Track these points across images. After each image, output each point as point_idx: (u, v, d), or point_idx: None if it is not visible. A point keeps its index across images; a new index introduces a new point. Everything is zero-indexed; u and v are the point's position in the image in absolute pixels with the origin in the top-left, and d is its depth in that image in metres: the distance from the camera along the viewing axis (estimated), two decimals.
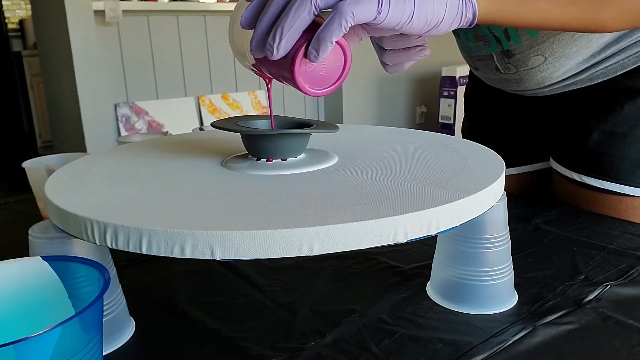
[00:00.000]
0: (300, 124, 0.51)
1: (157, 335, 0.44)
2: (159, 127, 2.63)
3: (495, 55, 0.73)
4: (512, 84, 0.77)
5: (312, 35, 0.39)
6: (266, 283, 0.52)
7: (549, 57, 0.69)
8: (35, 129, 4.14)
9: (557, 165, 0.77)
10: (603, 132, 0.70)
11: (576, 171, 0.73)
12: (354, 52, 0.44)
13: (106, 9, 2.35)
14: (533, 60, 0.70)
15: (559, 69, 0.70)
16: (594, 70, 0.69)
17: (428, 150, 0.53)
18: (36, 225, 0.41)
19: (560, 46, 0.68)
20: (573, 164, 0.74)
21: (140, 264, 0.57)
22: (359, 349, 0.40)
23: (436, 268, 0.48)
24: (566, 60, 0.69)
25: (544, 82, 0.73)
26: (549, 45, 0.68)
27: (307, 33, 0.40)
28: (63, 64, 2.39)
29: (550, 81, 0.72)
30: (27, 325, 0.32)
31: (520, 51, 0.70)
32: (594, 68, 0.69)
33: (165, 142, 0.60)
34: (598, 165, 0.70)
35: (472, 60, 0.80)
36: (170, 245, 0.33)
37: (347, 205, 0.36)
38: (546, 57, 0.69)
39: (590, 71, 0.70)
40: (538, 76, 0.72)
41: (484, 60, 0.77)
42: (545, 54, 0.69)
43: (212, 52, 2.76)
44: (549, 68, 0.70)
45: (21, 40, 4.61)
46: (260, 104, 2.96)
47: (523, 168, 0.86)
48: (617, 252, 0.56)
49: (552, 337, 0.41)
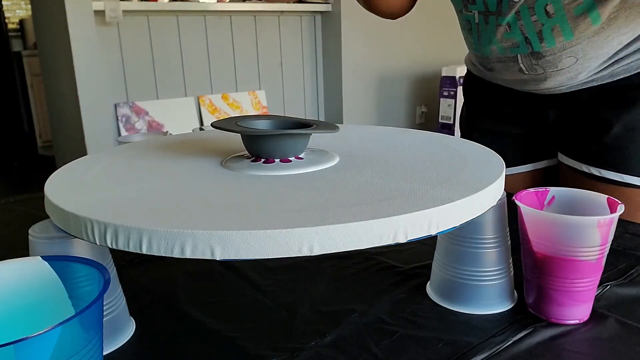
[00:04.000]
0: (300, 124, 0.51)
1: (157, 335, 0.44)
2: (159, 127, 2.63)
3: (521, 57, 0.73)
4: (531, 84, 0.76)
5: None
6: (266, 283, 0.52)
7: (581, 59, 0.69)
8: (35, 129, 4.13)
9: (569, 160, 0.77)
10: (624, 126, 0.71)
11: (594, 165, 0.73)
12: (354, 52, 0.44)
13: (106, 9, 2.35)
14: (565, 62, 0.70)
15: (587, 68, 0.70)
16: (615, 67, 0.70)
17: (428, 150, 0.53)
18: (36, 225, 0.41)
19: (594, 47, 0.68)
20: (589, 158, 0.74)
21: (140, 264, 0.57)
22: (359, 349, 0.40)
23: (436, 268, 0.48)
24: (596, 60, 0.69)
25: (568, 82, 0.73)
26: (582, 47, 0.68)
27: None
28: (63, 64, 2.39)
29: (574, 81, 0.72)
30: (27, 325, 0.32)
31: (552, 53, 0.70)
32: (616, 65, 0.70)
33: (165, 142, 0.60)
34: (619, 159, 0.71)
35: (489, 62, 0.79)
36: (170, 245, 0.33)
37: (347, 205, 0.36)
38: (578, 59, 0.69)
39: (612, 68, 0.70)
40: (565, 77, 0.72)
41: (505, 62, 0.76)
42: (578, 55, 0.69)
43: (212, 52, 2.76)
44: (578, 68, 0.70)
45: (21, 40, 4.60)
46: (260, 104, 2.96)
47: (529, 166, 0.86)
48: (617, 252, 0.56)
49: (552, 337, 0.41)
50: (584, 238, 0.41)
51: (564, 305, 0.43)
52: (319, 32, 3.13)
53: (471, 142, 0.55)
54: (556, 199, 0.47)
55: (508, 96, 0.83)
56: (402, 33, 3.21)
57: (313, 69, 3.18)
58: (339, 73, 3.09)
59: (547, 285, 0.43)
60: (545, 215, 0.42)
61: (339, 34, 3.00)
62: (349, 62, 3.08)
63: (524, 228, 0.44)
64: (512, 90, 0.82)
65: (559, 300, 0.43)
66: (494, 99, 0.86)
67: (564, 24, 0.67)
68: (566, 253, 0.41)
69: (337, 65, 3.09)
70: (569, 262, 0.41)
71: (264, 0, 2.91)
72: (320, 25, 3.12)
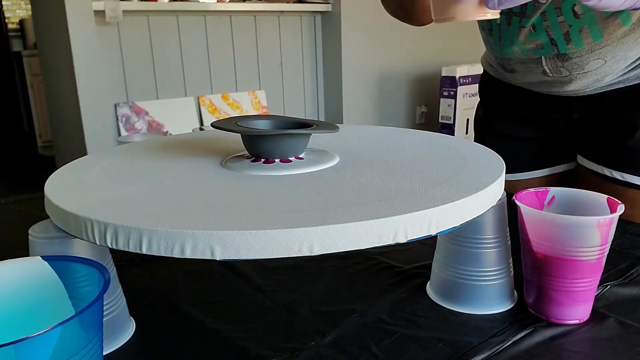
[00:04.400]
0: (300, 124, 0.51)
1: (157, 335, 0.44)
2: (159, 127, 2.63)
3: (545, 59, 0.71)
4: (554, 86, 0.74)
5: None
6: (266, 283, 0.52)
7: (609, 61, 0.67)
8: (35, 129, 4.13)
9: (590, 163, 0.75)
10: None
11: (616, 169, 0.71)
12: (354, 52, 0.45)
13: (106, 9, 2.35)
14: (592, 64, 0.68)
15: (614, 71, 0.69)
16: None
17: (428, 150, 0.53)
18: (36, 225, 0.41)
19: (623, 49, 0.66)
20: (612, 161, 0.72)
21: (140, 264, 0.57)
22: (359, 349, 0.40)
23: (436, 268, 0.48)
24: (624, 62, 0.68)
25: (594, 84, 0.71)
26: (611, 49, 0.66)
27: None
28: (63, 64, 2.39)
29: (600, 83, 0.70)
30: (27, 325, 0.32)
31: (579, 55, 0.68)
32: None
33: (165, 142, 0.60)
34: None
35: (510, 63, 0.77)
36: (170, 245, 0.33)
37: (347, 205, 0.36)
38: (606, 61, 0.67)
39: (639, 70, 0.69)
40: (591, 79, 0.70)
41: (527, 64, 0.74)
42: (606, 57, 0.67)
43: (212, 52, 2.76)
44: (606, 70, 0.68)
45: (21, 40, 4.60)
46: (260, 104, 2.96)
47: (546, 170, 0.84)
48: (617, 252, 0.56)
49: (552, 337, 0.41)
50: (584, 238, 0.41)
51: (564, 305, 0.43)
52: (319, 32, 3.13)
53: (471, 142, 0.55)
54: (556, 199, 0.47)
55: (527, 98, 0.81)
56: (402, 33, 3.20)
57: (313, 69, 3.18)
58: (339, 73, 3.09)
59: (547, 285, 0.43)
60: (545, 215, 0.42)
61: (339, 34, 3.00)
62: (349, 62, 3.08)
63: (524, 228, 0.44)
64: (532, 92, 0.79)
65: (559, 300, 0.43)
66: (512, 100, 0.84)
67: (593, 25, 0.65)
68: (566, 253, 0.41)
69: (337, 65, 3.09)
70: (569, 262, 0.41)
71: (264, 0, 2.91)
72: (320, 25, 3.12)
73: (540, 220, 0.42)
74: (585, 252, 0.41)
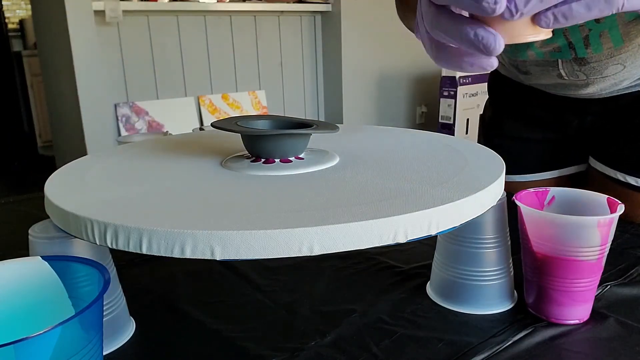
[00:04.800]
0: (300, 124, 0.51)
1: (157, 335, 0.44)
2: (159, 127, 2.63)
3: (562, 62, 0.69)
4: (570, 89, 0.72)
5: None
6: (266, 283, 0.52)
7: (629, 66, 0.65)
8: (35, 129, 4.13)
9: (603, 167, 0.74)
10: None
11: (631, 174, 0.70)
12: (354, 52, 0.44)
13: (106, 9, 2.35)
14: (611, 69, 0.66)
15: (633, 76, 0.67)
16: None
17: (428, 150, 0.53)
18: (36, 225, 0.41)
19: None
20: (626, 166, 0.71)
21: (140, 264, 0.57)
22: (359, 349, 0.40)
23: (436, 268, 0.48)
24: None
25: (611, 88, 0.69)
26: (631, 54, 0.64)
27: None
28: (63, 64, 2.39)
29: (618, 87, 0.69)
30: (27, 325, 0.32)
31: (598, 59, 0.66)
32: None
33: (165, 142, 0.60)
34: None
35: (524, 65, 0.75)
36: (170, 245, 0.33)
37: (347, 205, 0.36)
38: (626, 66, 0.65)
39: None
40: (608, 83, 0.68)
41: (543, 66, 0.72)
42: (625, 62, 0.65)
43: (212, 52, 2.76)
44: (624, 75, 0.67)
45: (21, 40, 4.60)
46: (260, 104, 2.96)
47: (555, 172, 0.83)
48: (617, 252, 0.56)
49: (552, 337, 0.41)
50: (584, 238, 0.41)
51: (564, 305, 0.43)
52: (319, 32, 3.13)
53: (471, 142, 0.55)
54: (556, 199, 0.47)
55: (540, 98, 0.78)
56: (402, 33, 3.20)
57: (313, 69, 3.18)
58: (339, 73, 3.09)
59: (547, 285, 0.43)
60: (545, 215, 0.42)
61: (339, 34, 3.00)
62: (349, 62, 3.08)
63: (524, 228, 0.44)
64: (545, 93, 0.77)
65: (559, 300, 0.43)
66: (524, 100, 0.82)
67: (614, 30, 0.63)
68: (566, 253, 0.41)
69: (337, 65, 3.09)
70: (569, 262, 0.41)
71: (264, 0, 2.91)
72: (320, 25, 3.12)
73: (540, 220, 0.42)
74: (585, 252, 0.41)
